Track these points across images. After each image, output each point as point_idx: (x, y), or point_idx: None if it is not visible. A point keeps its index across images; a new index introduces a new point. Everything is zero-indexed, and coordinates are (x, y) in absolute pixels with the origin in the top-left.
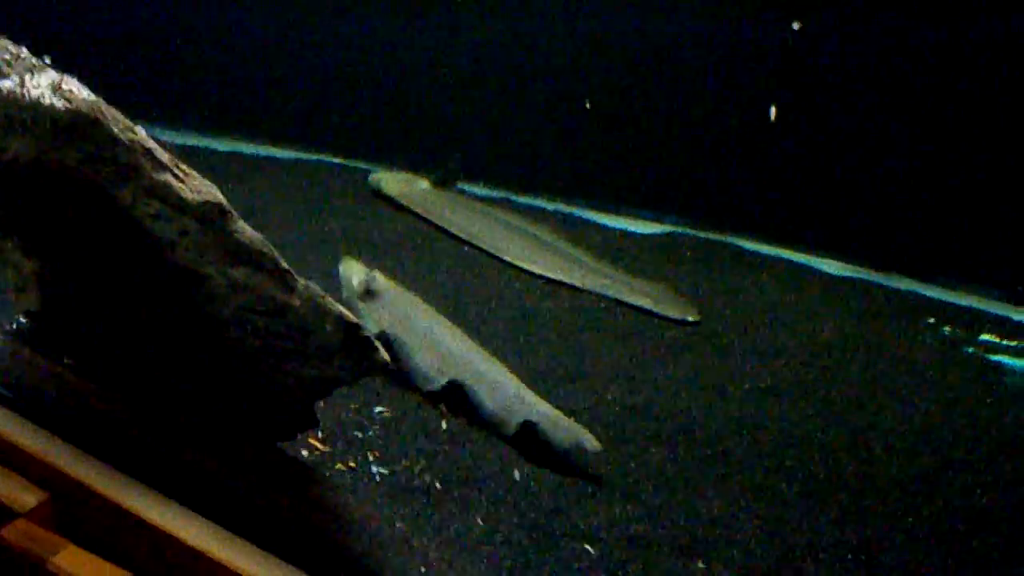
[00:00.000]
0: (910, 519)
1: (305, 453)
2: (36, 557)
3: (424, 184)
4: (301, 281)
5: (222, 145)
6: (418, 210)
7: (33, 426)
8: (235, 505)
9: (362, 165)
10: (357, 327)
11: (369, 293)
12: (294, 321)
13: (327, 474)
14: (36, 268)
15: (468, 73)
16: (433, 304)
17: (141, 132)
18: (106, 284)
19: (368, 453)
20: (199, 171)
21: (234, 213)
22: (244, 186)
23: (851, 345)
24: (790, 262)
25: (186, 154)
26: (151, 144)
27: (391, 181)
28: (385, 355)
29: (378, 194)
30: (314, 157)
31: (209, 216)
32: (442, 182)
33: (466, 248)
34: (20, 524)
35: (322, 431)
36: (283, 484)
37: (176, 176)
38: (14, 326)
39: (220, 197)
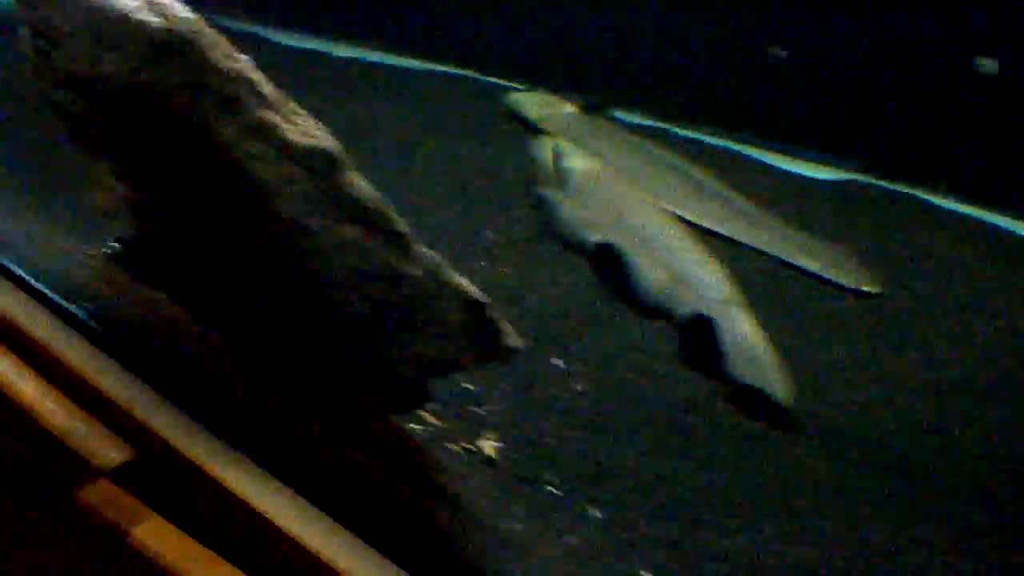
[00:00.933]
0: None
1: (416, 427)
2: (116, 526)
3: (570, 108)
4: (422, 248)
5: (341, 51)
6: (563, 139)
7: (123, 371)
8: (343, 486)
9: (500, 82)
10: (483, 307)
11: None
12: (410, 292)
13: (439, 456)
14: (129, 193)
15: None
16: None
17: (245, 60)
18: (205, 223)
19: (487, 433)
20: (310, 81)
21: (348, 162)
22: (358, 101)
23: None
24: (994, 226)
25: (297, 61)
26: (256, 75)
27: (532, 103)
28: (517, 340)
29: (515, 117)
30: (440, 68)
31: (318, 164)
32: (593, 107)
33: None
34: (102, 485)
35: (436, 400)
36: (392, 464)
37: (284, 116)
38: (106, 251)
39: (332, 143)
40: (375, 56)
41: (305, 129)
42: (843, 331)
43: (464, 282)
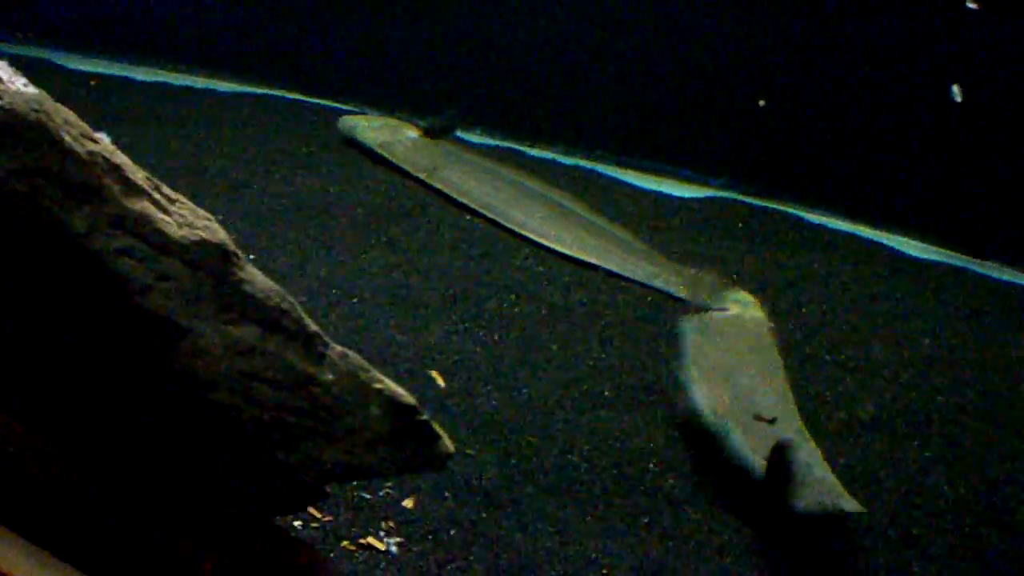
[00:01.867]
0: None
1: (298, 524)
2: None
3: (412, 133)
4: (337, 348)
5: (141, 74)
6: (405, 166)
7: None
8: None
9: (330, 104)
10: (413, 411)
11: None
12: (321, 397)
13: (331, 555)
14: None
15: None
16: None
17: (105, 141)
18: (57, 326)
19: (381, 523)
20: (112, 108)
21: (241, 257)
22: (173, 129)
23: (961, 358)
24: (867, 241)
25: (95, 90)
26: (120, 159)
27: (370, 128)
28: (449, 446)
29: (351, 143)
30: (262, 91)
31: (203, 258)
32: (435, 131)
33: (468, 217)
34: None
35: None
36: (266, 569)
37: (156, 203)
38: None
39: (221, 235)
40: (183, 80)
41: (185, 219)
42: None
43: (390, 385)
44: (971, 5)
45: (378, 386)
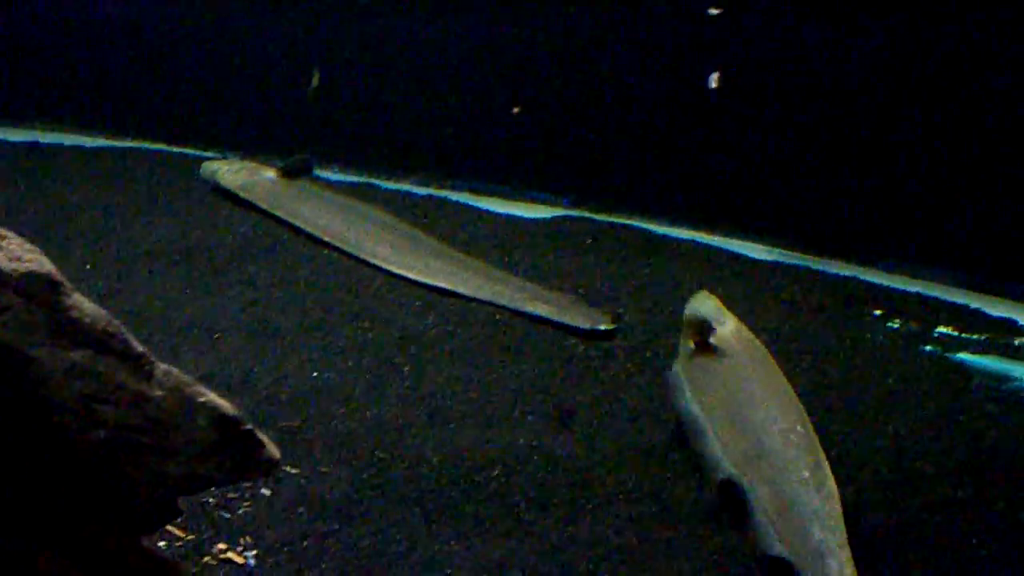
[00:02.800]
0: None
1: (163, 544)
2: None
3: (270, 174)
4: (161, 366)
5: (14, 135)
6: (264, 205)
7: None
8: None
9: (192, 152)
10: (236, 422)
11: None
12: (153, 413)
13: (194, 570)
14: None
15: (314, 34)
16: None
17: None
18: None
19: (239, 538)
20: None
21: (67, 285)
22: (44, 184)
23: (794, 349)
24: (709, 247)
25: None
26: None
27: (229, 171)
28: (275, 452)
29: (214, 188)
30: (127, 144)
31: (35, 289)
32: (291, 171)
33: (326, 251)
34: None
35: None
36: None
37: None
38: None
39: (48, 266)
40: (53, 137)
41: (14, 252)
42: (588, 373)
43: (213, 398)
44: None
45: (202, 399)
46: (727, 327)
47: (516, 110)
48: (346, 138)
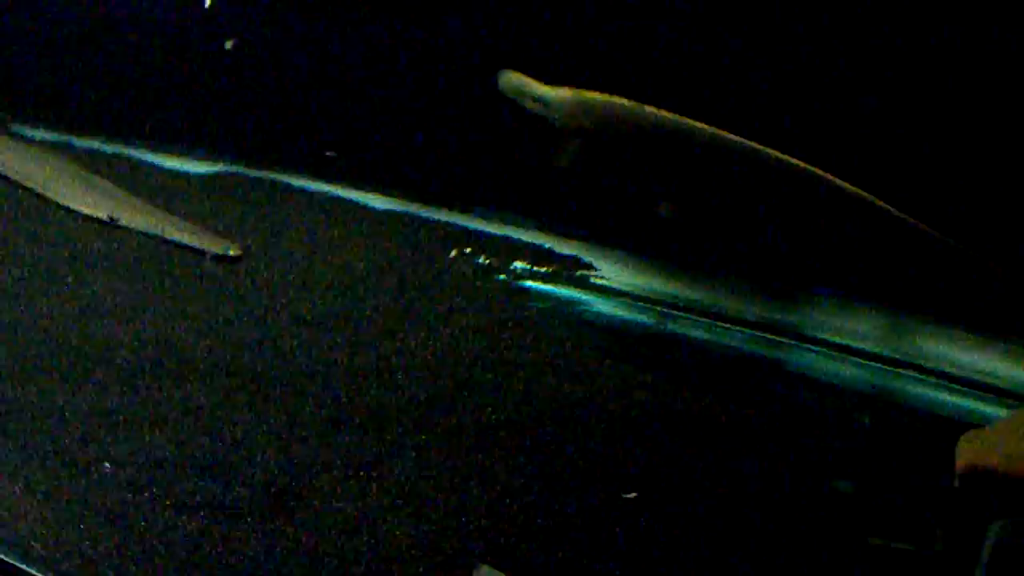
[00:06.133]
0: (422, 435)
1: None
2: None
3: None
4: None
5: None
6: None
7: None
8: None
9: None
10: None
11: None
12: None
13: None
14: None
15: None
16: None
17: None
18: None
19: None
20: None
21: None
22: None
23: (386, 276)
24: (338, 198)
25: None
26: None
27: None
28: None
29: None
30: None
31: None
32: None
33: (18, 191)
34: None
35: None
36: None
37: None
38: None
39: None
40: None
41: None
42: (214, 288)
43: None
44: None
45: None
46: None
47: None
48: (43, 96)
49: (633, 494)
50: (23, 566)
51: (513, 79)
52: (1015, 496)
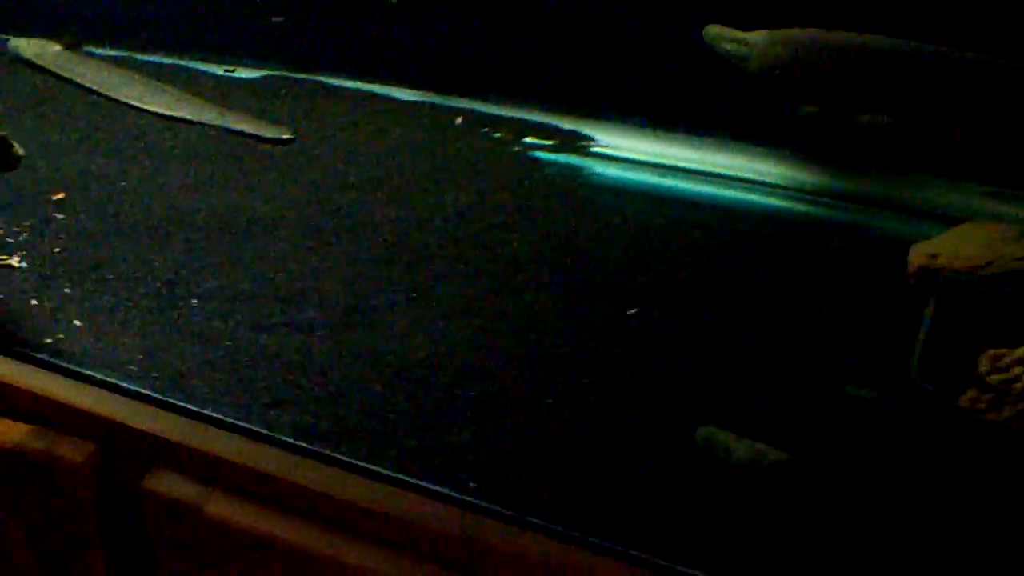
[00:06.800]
0: (461, 265)
1: None
2: None
3: (56, 47)
4: None
5: None
6: (53, 69)
7: None
8: None
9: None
10: None
11: None
12: None
13: None
14: None
15: None
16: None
17: None
18: None
19: (15, 252)
20: None
21: None
22: None
23: (417, 150)
24: (369, 92)
25: None
26: None
27: (27, 46)
28: (20, 150)
29: (17, 59)
30: None
31: None
32: (70, 45)
33: (94, 97)
34: None
35: None
36: None
37: None
38: None
39: None
40: None
41: None
42: (274, 163)
43: None
44: None
45: None
46: None
47: None
48: (109, 22)
49: (635, 310)
50: (120, 382)
51: (713, 29)
52: (958, 288)
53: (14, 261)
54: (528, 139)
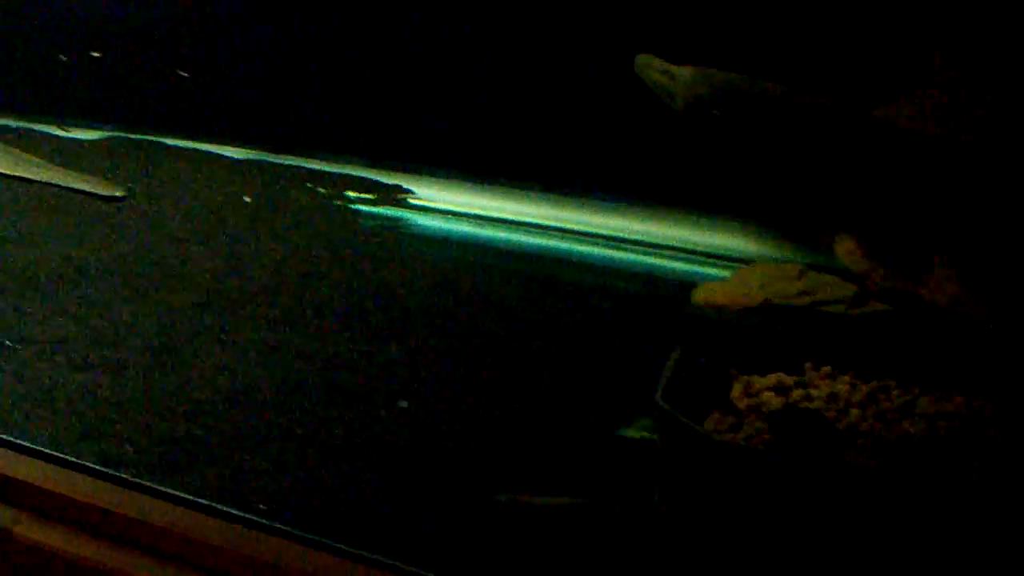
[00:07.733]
0: (272, 310)
1: None
2: None
3: None
4: None
5: None
6: None
7: None
8: None
9: None
10: None
11: None
12: None
13: None
14: None
15: None
16: None
17: None
18: None
19: None
20: None
21: None
22: None
23: (243, 206)
24: (203, 151)
25: None
26: None
27: None
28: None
29: None
30: None
31: None
32: None
33: None
34: None
35: None
36: None
37: None
38: None
39: None
40: None
41: None
42: (107, 222)
43: None
44: None
45: None
46: None
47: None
48: None
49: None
50: None
51: (643, 58)
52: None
53: None
54: (350, 192)
